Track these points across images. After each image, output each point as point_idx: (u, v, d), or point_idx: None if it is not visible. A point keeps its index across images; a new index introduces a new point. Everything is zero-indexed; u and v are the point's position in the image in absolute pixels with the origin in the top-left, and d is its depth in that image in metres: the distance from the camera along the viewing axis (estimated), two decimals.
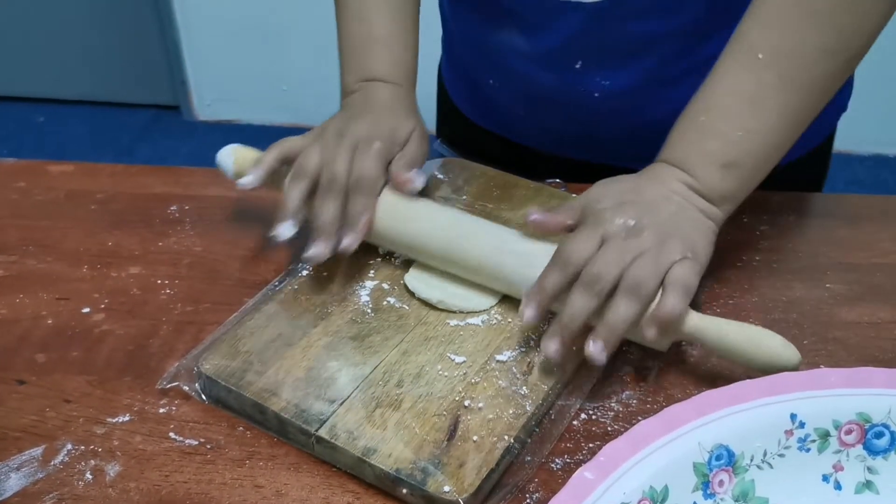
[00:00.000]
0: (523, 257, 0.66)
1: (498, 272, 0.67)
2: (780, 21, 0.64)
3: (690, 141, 0.67)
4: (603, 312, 0.59)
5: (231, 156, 0.76)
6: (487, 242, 0.68)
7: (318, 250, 0.68)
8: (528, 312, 0.61)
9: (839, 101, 0.93)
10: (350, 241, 0.68)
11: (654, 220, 0.62)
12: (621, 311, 0.59)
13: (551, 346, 0.59)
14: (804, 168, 0.93)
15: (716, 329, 0.61)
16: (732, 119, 0.65)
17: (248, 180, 0.71)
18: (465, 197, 0.80)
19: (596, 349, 0.58)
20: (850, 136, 2.69)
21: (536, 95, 0.88)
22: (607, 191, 0.66)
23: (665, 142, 0.69)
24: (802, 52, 0.64)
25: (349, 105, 0.79)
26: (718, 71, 0.67)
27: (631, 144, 0.73)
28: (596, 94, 0.83)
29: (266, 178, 0.72)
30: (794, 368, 0.59)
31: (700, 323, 0.61)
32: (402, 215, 0.71)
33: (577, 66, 0.82)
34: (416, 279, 0.70)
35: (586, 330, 0.60)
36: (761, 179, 0.68)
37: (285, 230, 0.69)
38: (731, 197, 0.67)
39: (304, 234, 0.77)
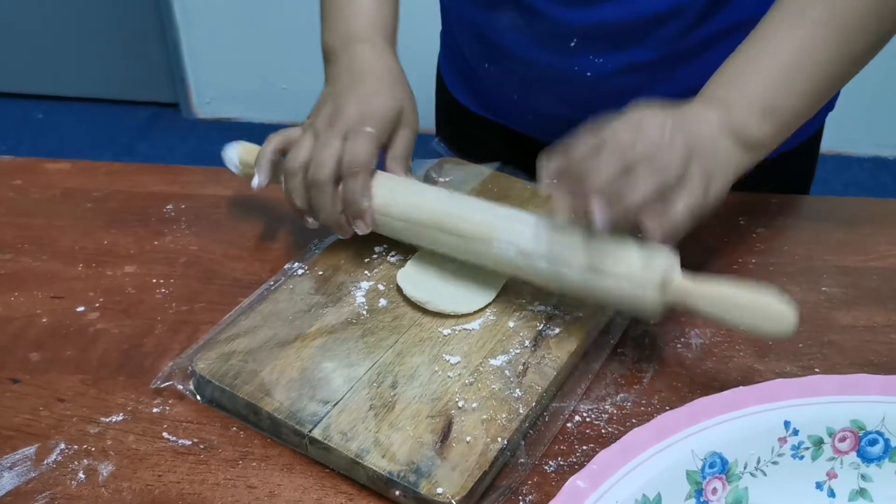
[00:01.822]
0: (512, 220, 0.67)
1: (489, 234, 0.66)
2: None
3: (734, 79, 0.67)
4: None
5: (236, 151, 0.78)
6: (478, 207, 0.69)
7: (342, 235, 0.72)
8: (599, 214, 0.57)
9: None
10: (362, 228, 0.71)
11: (685, 137, 0.61)
12: (640, 185, 0.57)
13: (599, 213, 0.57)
14: (792, 163, 0.93)
15: (712, 290, 0.58)
16: (780, 66, 0.65)
17: (256, 182, 0.73)
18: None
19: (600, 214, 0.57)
20: (850, 138, 2.70)
21: (530, 77, 0.88)
22: (645, 116, 0.62)
23: (708, 81, 0.68)
24: (855, 13, 0.65)
25: (335, 78, 0.78)
26: (769, 21, 0.67)
27: None
28: (588, 74, 0.83)
29: (271, 174, 0.74)
30: (790, 331, 0.56)
31: (694, 284, 0.59)
32: (394, 189, 0.71)
33: (572, 44, 0.82)
34: (406, 278, 0.69)
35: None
36: (790, 134, 0.67)
37: (310, 224, 0.72)
38: (761, 144, 0.65)
39: (291, 230, 0.77)
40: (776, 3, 0.68)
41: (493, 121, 0.98)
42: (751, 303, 0.57)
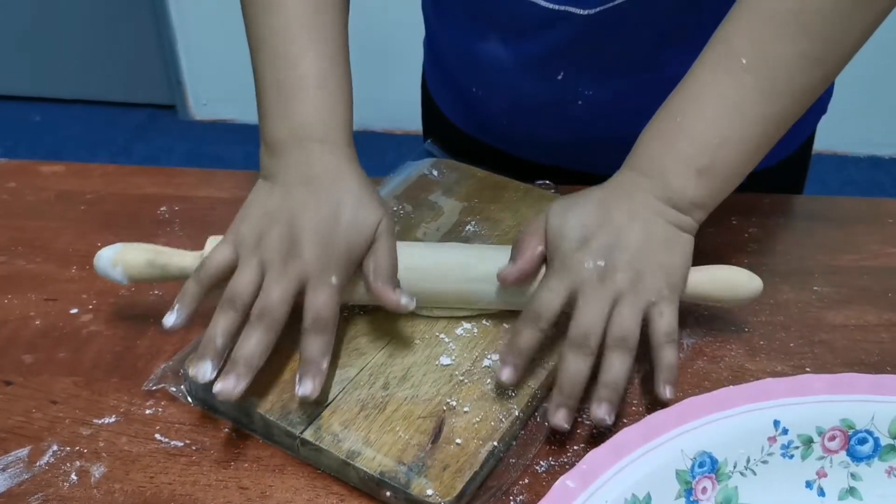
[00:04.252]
0: (488, 282, 0.65)
1: (469, 301, 0.66)
2: (765, 27, 0.62)
3: (663, 143, 0.64)
4: (598, 372, 0.59)
5: (117, 252, 0.65)
6: (449, 275, 0.66)
7: (226, 385, 0.57)
8: (507, 374, 0.59)
9: (819, 104, 0.93)
10: (310, 389, 0.57)
11: (624, 257, 0.60)
12: (616, 368, 0.58)
13: (559, 417, 0.57)
14: (783, 173, 0.93)
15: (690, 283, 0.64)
16: (710, 124, 0.62)
17: (172, 321, 0.61)
18: (454, 198, 0.81)
19: (603, 412, 0.57)
20: (846, 138, 2.71)
21: (521, 104, 0.88)
22: (569, 220, 0.62)
23: (634, 146, 0.66)
24: (787, 60, 0.62)
25: (287, 181, 0.66)
26: (697, 73, 0.64)
27: (619, 151, 0.71)
28: (579, 103, 0.83)
29: (194, 314, 0.62)
30: (759, 292, 0.65)
31: None
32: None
33: (560, 76, 0.82)
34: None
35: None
36: (735, 186, 0.65)
37: (203, 373, 0.58)
38: (702, 205, 0.64)
39: None
40: (704, 50, 0.65)
41: (482, 140, 0.98)
42: (721, 275, 0.65)
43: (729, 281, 0.65)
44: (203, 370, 0.58)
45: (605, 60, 0.80)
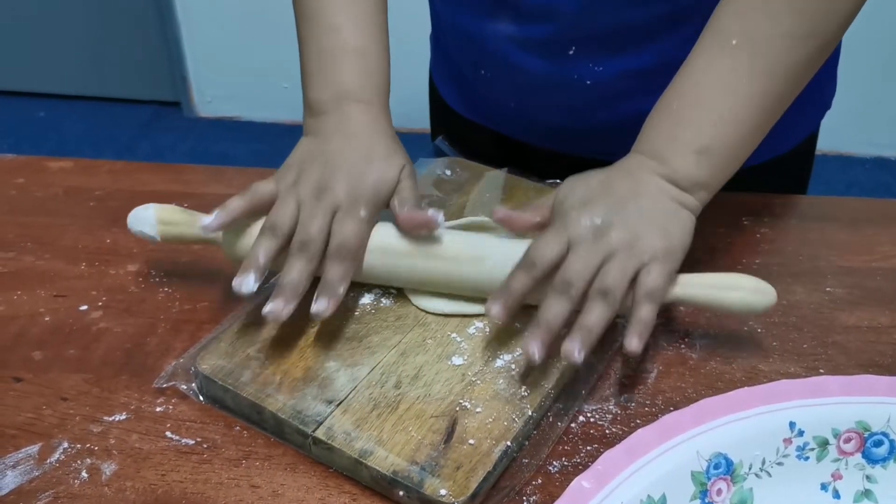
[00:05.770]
0: (502, 242, 0.68)
1: (480, 254, 0.67)
2: (752, 8, 0.64)
3: (663, 129, 0.67)
4: (577, 315, 0.61)
5: (150, 211, 0.69)
6: (458, 233, 0.69)
7: (276, 307, 0.62)
8: (495, 309, 0.62)
9: (821, 99, 0.93)
10: (324, 307, 0.62)
11: (622, 218, 0.63)
12: (594, 315, 0.60)
13: (532, 347, 0.59)
14: (786, 167, 0.93)
15: (693, 292, 0.64)
16: (705, 106, 0.66)
17: (208, 220, 0.66)
18: (466, 197, 0.80)
19: (573, 347, 0.59)
20: (852, 139, 2.70)
21: (527, 85, 0.87)
22: (575, 188, 0.67)
23: (639, 133, 0.69)
24: (774, 39, 0.64)
25: (325, 134, 0.72)
26: (692, 59, 0.67)
27: (621, 137, 0.73)
28: (588, 82, 0.83)
29: (229, 225, 0.66)
30: (769, 307, 0.63)
31: (678, 291, 0.63)
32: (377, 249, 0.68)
33: (571, 51, 0.82)
34: (421, 297, 0.69)
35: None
36: (736, 167, 0.68)
37: (247, 284, 0.63)
38: (705, 184, 0.66)
39: None
40: (700, 36, 0.67)
41: (487, 127, 0.98)
42: (735, 282, 0.64)
43: (741, 290, 0.63)
44: (247, 281, 0.63)
45: (617, 36, 0.80)
